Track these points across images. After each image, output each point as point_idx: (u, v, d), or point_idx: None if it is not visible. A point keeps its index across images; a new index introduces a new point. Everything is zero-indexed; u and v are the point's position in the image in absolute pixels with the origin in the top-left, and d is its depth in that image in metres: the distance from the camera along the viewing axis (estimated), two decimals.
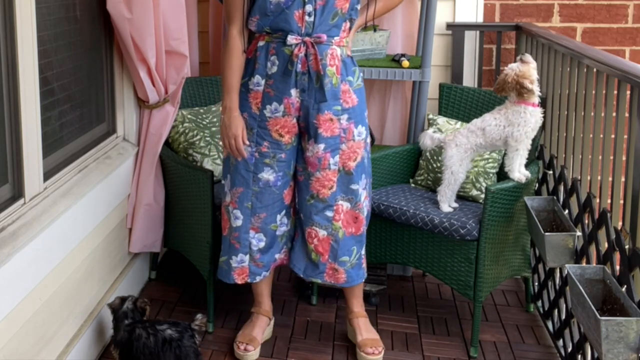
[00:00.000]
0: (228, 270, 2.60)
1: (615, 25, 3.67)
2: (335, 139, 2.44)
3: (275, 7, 2.32)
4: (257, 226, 2.53)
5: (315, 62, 2.36)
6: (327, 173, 2.46)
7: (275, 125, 2.44)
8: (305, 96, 2.40)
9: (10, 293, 1.92)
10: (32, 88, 2.12)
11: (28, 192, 2.14)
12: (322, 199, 2.48)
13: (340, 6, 2.36)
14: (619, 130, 2.21)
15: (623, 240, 2.08)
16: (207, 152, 3.01)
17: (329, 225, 2.50)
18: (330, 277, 2.57)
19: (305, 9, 2.33)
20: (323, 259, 2.54)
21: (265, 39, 2.40)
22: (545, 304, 2.87)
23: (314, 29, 2.35)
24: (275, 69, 2.39)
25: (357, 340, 2.65)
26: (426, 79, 3.15)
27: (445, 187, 2.74)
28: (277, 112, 2.42)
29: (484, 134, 2.65)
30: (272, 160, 2.47)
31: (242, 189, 2.49)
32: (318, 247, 2.52)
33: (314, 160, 2.46)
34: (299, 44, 2.35)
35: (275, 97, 2.41)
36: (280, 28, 2.36)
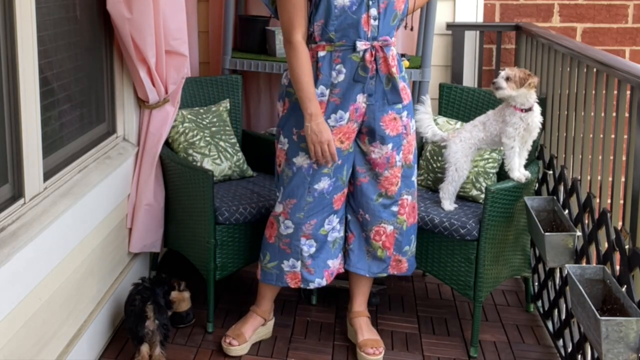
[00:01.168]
0: (280, 275, 2.60)
1: (615, 25, 3.67)
2: (399, 137, 2.49)
3: (340, 11, 2.31)
4: (309, 233, 2.53)
5: (385, 65, 2.38)
6: (394, 170, 2.51)
7: (338, 134, 2.43)
8: (373, 100, 2.41)
9: (10, 293, 1.92)
10: (32, 88, 2.12)
11: (28, 192, 2.14)
12: (390, 196, 2.53)
13: (398, 8, 2.38)
14: (619, 130, 2.21)
15: (623, 240, 2.08)
16: (207, 152, 3.01)
17: (394, 220, 2.55)
18: (394, 269, 2.63)
19: (370, 13, 2.33)
20: (389, 253, 2.59)
21: (327, 48, 2.37)
22: (545, 304, 2.87)
23: (379, 32, 2.36)
24: (343, 77, 2.38)
25: (358, 341, 2.65)
26: (426, 79, 3.15)
27: (448, 185, 2.74)
28: (341, 121, 2.42)
29: (485, 128, 2.69)
30: (330, 169, 2.46)
31: (295, 201, 2.49)
32: (385, 242, 2.57)
33: (383, 160, 2.49)
34: (368, 49, 2.35)
35: (341, 105, 2.41)
36: (345, 34, 2.34)
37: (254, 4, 3.61)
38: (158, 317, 2.49)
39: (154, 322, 2.47)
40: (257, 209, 2.80)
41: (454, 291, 3.13)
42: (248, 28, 3.44)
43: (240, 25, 3.48)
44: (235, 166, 3.09)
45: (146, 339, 2.48)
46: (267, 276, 2.63)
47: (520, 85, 2.54)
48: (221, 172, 3.03)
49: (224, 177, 3.06)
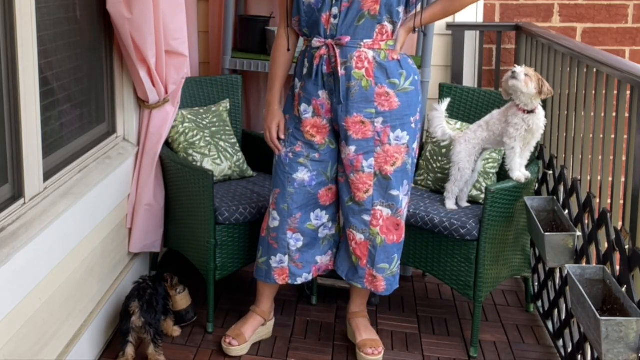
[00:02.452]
0: (268, 271, 2.62)
1: (615, 25, 3.67)
2: (368, 142, 2.42)
3: (308, 8, 2.38)
4: (294, 227, 2.54)
5: (337, 64, 2.36)
6: (360, 176, 2.45)
7: (306, 126, 2.48)
8: (333, 98, 2.41)
9: (10, 293, 1.92)
10: (32, 88, 2.12)
11: (28, 192, 2.14)
12: (359, 202, 2.48)
13: (368, 8, 2.31)
14: (619, 130, 2.21)
15: (623, 240, 2.08)
16: (207, 152, 3.01)
17: (366, 229, 2.49)
18: (370, 284, 2.56)
19: (332, 11, 2.34)
20: (362, 264, 2.54)
21: (305, 43, 2.48)
22: (545, 304, 2.87)
23: (337, 31, 2.35)
24: (306, 70, 2.46)
25: (357, 341, 2.65)
26: (426, 79, 3.15)
27: (451, 184, 2.75)
28: (307, 113, 2.47)
29: (488, 128, 2.69)
30: (305, 160, 2.50)
31: (279, 191, 2.54)
32: (356, 250, 2.54)
33: (347, 162, 2.48)
34: (322, 46, 2.38)
35: (304, 98, 2.47)
36: (312, 31, 2.41)
37: (254, 4, 3.61)
38: (144, 315, 2.48)
39: (139, 319, 2.47)
40: (257, 209, 2.80)
41: (454, 291, 3.13)
42: (248, 28, 3.44)
43: (240, 25, 3.48)
44: (235, 166, 3.09)
45: (130, 336, 2.48)
46: (258, 272, 2.66)
47: (537, 86, 2.52)
48: (221, 172, 3.03)
49: (224, 177, 3.06)
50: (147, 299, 2.53)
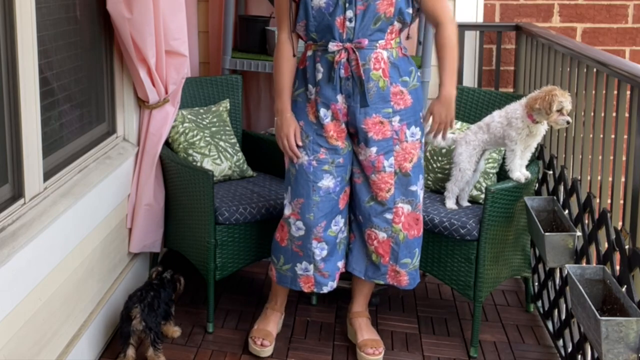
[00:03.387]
0: (294, 278, 2.58)
1: (615, 25, 3.67)
2: (387, 142, 2.44)
3: (317, 12, 2.35)
4: (319, 236, 2.51)
5: (357, 67, 2.36)
6: (382, 176, 2.46)
7: (329, 131, 2.45)
8: (351, 101, 2.40)
9: (10, 293, 1.92)
10: (32, 88, 2.12)
11: (28, 192, 2.14)
12: (381, 202, 2.48)
13: (384, 11, 2.33)
14: (619, 130, 2.21)
15: (623, 240, 2.08)
16: (207, 152, 3.01)
17: (388, 227, 2.50)
18: (393, 279, 2.57)
19: (346, 15, 2.33)
20: (384, 261, 2.54)
21: (312, 47, 2.43)
22: (545, 304, 2.87)
23: (354, 34, 2.35)
24: (321, 76, 2.41)
25: (358, 341, 2.65)
26: (426, 79, 3.15)
27: (452, 184, 2.76)
28: (326, 119, 2.44)
29: (489, 130, 2.69)
30: (330, 166, 2.47)
31: (303, 200, 2.48)
32: (378, 249, 2.53)
33: (368, 163, 2.47)
34: (340, 50, 2.36)
35: (322, 103, 2.43)
36: (324, 35, 2.37)
37: (254, 4, 3.61)
38: (145, 319, 2.48)
39: (140, 323, 2.47)
40: (257, 209, 2.80)
41: (454, 291, 3.13)
42: (248, 28, 3.44)
43: (240, 25, 3.48)
44: (235, 166, 3.09)
45: (131, 339, 2.48)
46: (282, 279, 2.61)
47: None
48: (221, 172, 3.03)
49: (224, 177, 3.06)
50: (148, 301, 2.52)
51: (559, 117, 2.49)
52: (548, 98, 2.49)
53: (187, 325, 2.86)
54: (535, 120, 2.57)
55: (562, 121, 2.50)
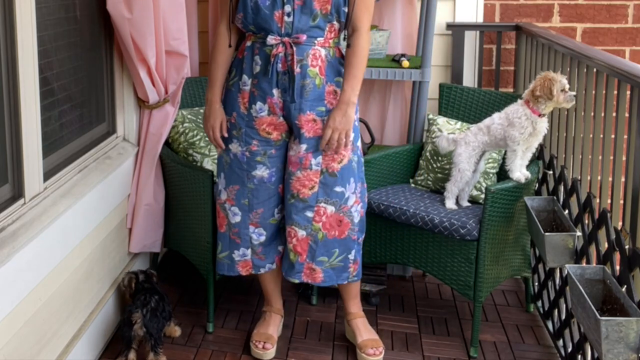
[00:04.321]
0: (231, 265, 2.62)
1: (615, 25, 3.67)
2: (317, 140, 2.43)
3: (254, 5, 2.35)
4: (256, 221, 2.54)
5: (293, 62, 2.36)
6: (307, 173, 2.45)
7: (262, 124, 2.46)
8: (287, 96, 2.40)
9: (10, 293, 1.92)
10: (32, 88, 2.12)
11: (28, 192, 2.14)
12: (303, 199, 2.47)
13: (320, 7, 2.34)
14: (619, 130, 2.21)
15: (623, 240, 2.08)
16: (207, 152, 3.01)
17: (308, 225, 2.49)
18: (308, 277, 2.56)
19: (285, 9, 2.33)
20: (301, 259, 2.53)
21: (252, 39, 2.43)
22: (545, 304, 2.87)
23: (293, 29, 2.35)
24: (259, 68, 2.42)
25: (358, 342, 2.65)
26: (426, 79, 3.15)
27: (451, 184, 2.76)
28: (262, 112, 2.44)
29: (489, 132, 2.69)
30: (263, 157, 2.48)
31: (238, 187, 2.52)
32: (297, 246, 2.51)
33: (296, 159, 2.46)
34: (278, 44, 2.36)
35: (259, 96, 2.43)
36: (262, 28, 2.38)
37: None
38: (147, 324, 2.47)
39: (141, 329, 2.46)
40: None
41: (454, 291, 3.13)
42: None
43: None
44: None
45: (133, 343, 2.48)
46: (220, 266, 2.65)
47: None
48: None
49: None
50: (152, 306, 2.52)
51: (565, 95, 2.51)
52: (547, 83, 2.51)
53: (187, 325, 2.86)
54: (540, 113, 2.57)
55: (570, 97, 2.52)
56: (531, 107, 2.57)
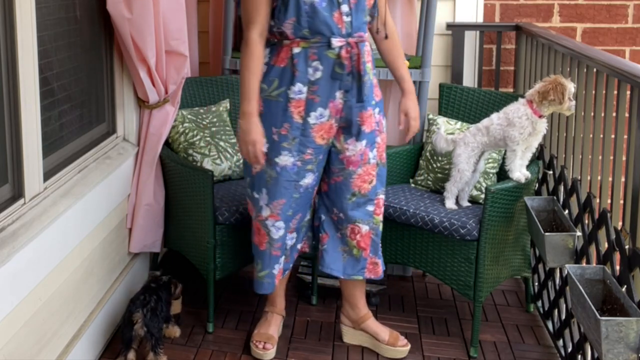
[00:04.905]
0: (271, 282, 2.57)
1: (615, 25, 3.67)
2: (373, 133, 2.47)
3: (310, 8, 2.27)
4: (294, 227, 2.53)
5: (358, 62, 2.35)
6: (367, 168, 2.48)
7: (320, 131, 2.40)
8: (349, 96, 2.38)
9: (10, 293, 1.92)
10: (32, 88, 2.12)
11: (28, 192, 2.14)
12: (364, 194, 2.49)
13: (368, 4, 2.37)
14: (619, 130, 2.21)
15: (623, 240, 2.08)
16: (207, 152, 3.01)
17: (370, 220, 2.52)
18: (371, 272, 2.59)
19: (342, 9, 2.30)
20: (365, 254, 2.55)
21: (302, 45, 2.32)
22: (545, 304, 2.87)
23: (352, 28, 2.33)
24: (320, 74, 2.33)
25: (386, 340, 2.66)
26: (426, 79, 3.15)
27: (451, 185, 2.76)
28: (322, 118, 2.38)
29: (488, 133, 2.69)
30: (313, 165, 2.44)
31: (284, 201, 2.44)
32: (360, 242, 2.53)
33: (356, 157, 2.46)
34: (343, 45, 2.32)
35: (320, 102, 2.36)
36: (319, 31, 2.29)
37: None
38: (148, 324, 2.47)
39: (142, 329, 2.46)
40: None
41: (454, 291, 3.13)
42: None
43: (240, 25, 3.46)
44: (235, 166, 3.09)
45: (133, 343, 2.48)
46: (259, 286, 2.59)
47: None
48: (221, 172, 3.03)
49: (224, 177, 3.06)
50: (152, 306, 2.51)
51: (570, 103, 2.52)
52: (559, 88, 2.51)
53: (187, 325, 2.86)
54: (541, 114, 2.57)
55: (572, 106, 2.54)
56: (534, 108, 2.57)
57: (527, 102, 2.60)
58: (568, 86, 2.51)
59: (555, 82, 2.53)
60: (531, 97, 2.59)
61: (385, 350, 2.66)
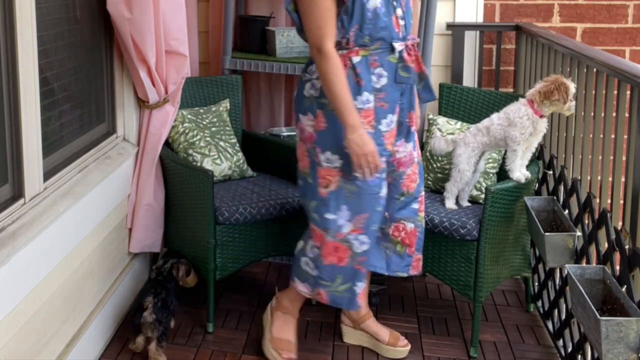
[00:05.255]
0: (352, 298, 2.45)
1: (615, 25, 3.67)
2: (415, 133, 2.49)
3: (373, 14, 2.22)
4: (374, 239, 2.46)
5: (418, 63, 2.35)
6: (413, 167, 2.49)
7: (390, 137, 2.37)
8: (404, 99, 2.37)
9: (10, 293, 1.92)
10: (32, 88, 2.12)
11: (28, 192, 2.14)
12: (411, 194, 2.50)
13: (411, 5, 2.37)
14: (619, 130, 2.21)
15: (623, 240, 2.08)
16: (207, 152, 3.01)
17: (415, 217, 2.52)
18: (414, 269, 2.56)
19: (397, 13, 2.28)
20: (410, 251, 2.53)
21: (361, 53, 2.25)
22: (545, 304, 2.87)
23: (407, 31, 2.33)
24: (385, 80, 2.28)
25: (386, 340, 2.66)
26: None
27: (451, 185, 2.76)
28: (392, 124, 2.35)
29: (489, 133, 2.68)
30: (386, 173, 2.40)
31: (367, 215, 2.35)
32: (405, 239, 2.51)
33: (406, 159, 2.46)
34: (403, 49, 2.30)
35: (389, 109, 2.32)
36: (379, 37, 2.25)
37: (254, 4, 3.61)
38: (156, 312, 2.49)
39: (151, 315, 2.48)
40: (257, 209, 2.80)
41: (454, 291, 3.13)
42: (248, 28, 3.44)
43: (240, 25, 3.48)
44: (235, 166, 3.09)
45: (142, 329, 2.50)
46: (337, 299, 2.46)
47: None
48: (221, 172, 3.03)
49: (224, 177, 3.06)
50: (163, 297, 2.55)
51: (570, 102, 2.53)
52: (563, 88, 2.51)
53: (187, 325, 2.86)
54: (542, 114, 2.57)
55: (573, 106, 2.54)
56: (535, 108, 2.57)
57: (528, 102, 2.60)
58: (570, 86, 2.52)
59: (557, 82, 2.52)
60: (532, 97, 2.58)
61: (386, 350, 2.66)
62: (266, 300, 2.80)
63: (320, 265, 2.43)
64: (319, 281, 2.45)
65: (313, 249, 2.45)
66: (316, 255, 2.43)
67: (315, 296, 2.50)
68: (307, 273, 2.48)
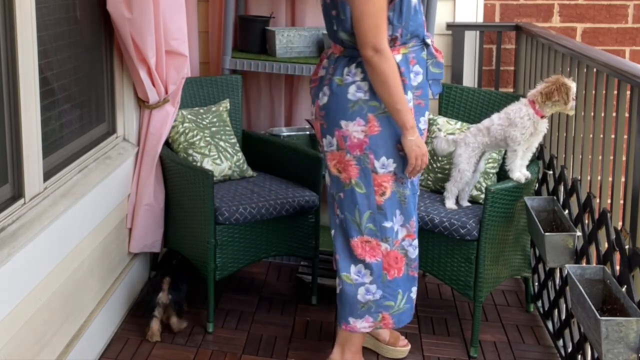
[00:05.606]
0: (411, 306, 2.39)
1: (615, 25, 3.67)
2: None
3: (414, 10, 2.19)
4: None
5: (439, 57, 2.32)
6: None
7: (426, 136, 2.35)
8: None
9: (10, 293, 1.92)
10: (32, 88, 2.12)
11: (28, 192, 2.14)
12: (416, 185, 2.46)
13: None
14: (619, 130, 2.21)
15: (623, 240, 2.08)
16: (207, 152, 3.01)
17: None
18: None
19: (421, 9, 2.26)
20: None
21: (402, 51, 2.20)
22: (545, 304, 2.87)
23: (427, 27, 2.32)
24: (421, 77, 2.26)
25: (386, 340, 2.66)
26: None
27: (451, 185, 2.76)
28: (427, 122, 2.35)
29: (489, 133, 2.68)
30: None
31: (414, 217, 2.34)
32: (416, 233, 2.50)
33: None
34: (431, 44, 2.28)
35: (425, 106, 2.30)
36: (415, 34, 2.22)
37: (254, 4, 3.61)
38: (172, 293, 2.57)
39: (167, 296, 2.51)
40: (257, 209, 2.80)
41: (454, 291, 3.13)
42: (248, 28, 3.44)
43: (240, 25, 3.48)
44: (235, 166, 3.09)
45: (156, 311, 2.51)
46: (402, 318, 2.38)
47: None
48: (221, 172, 3.03)
49: (224, 177, 3.06)
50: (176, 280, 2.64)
51: (571, 103, 2.52)
52: (564, 89, 2.51)
53: (187, 325, 2.85)
54: (543, 115, 2.57)
55: (573, 106, 2.54)
56: (536, 108, 2.57)
57: (529, 102, 2.60)
58: (571, 86, 2.51)
59: (558, 82, 2.52)
60: (534, 97, 2.58)
61: (386, 350, 2.66)
62: (266, 300, 2.80)
63: (386, 281, 2.31)
64: (383, 303, 2.33)
65: (365, 270, 2.31)
66: (376, 275, 2.30)
67: (379, 325, 2.37)
68: (368, 302, 2.33)
